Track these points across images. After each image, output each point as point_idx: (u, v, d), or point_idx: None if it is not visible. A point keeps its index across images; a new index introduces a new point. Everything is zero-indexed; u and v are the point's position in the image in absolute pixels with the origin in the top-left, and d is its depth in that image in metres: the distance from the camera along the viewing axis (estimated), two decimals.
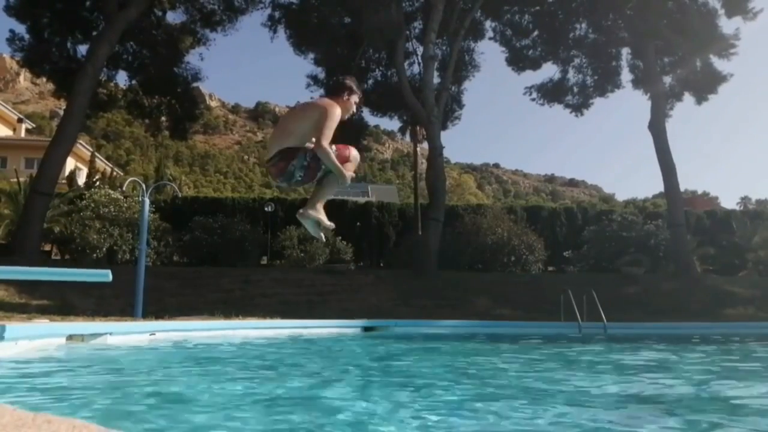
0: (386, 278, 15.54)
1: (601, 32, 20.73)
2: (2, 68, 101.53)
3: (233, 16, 19.96)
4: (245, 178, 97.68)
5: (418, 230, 18.27)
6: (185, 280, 13.99)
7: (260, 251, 18.25)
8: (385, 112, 22.20)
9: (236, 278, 14.32)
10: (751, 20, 18.23)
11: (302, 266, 16.76)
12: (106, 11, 16.81)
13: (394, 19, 16.57)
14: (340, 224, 20.82)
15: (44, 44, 18.65)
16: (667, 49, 19.54)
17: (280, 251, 17.79)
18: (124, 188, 19.18)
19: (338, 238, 17.69)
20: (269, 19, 19.94)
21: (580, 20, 20.87)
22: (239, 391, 3.65)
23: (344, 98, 3.82)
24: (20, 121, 36.14)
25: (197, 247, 16.54)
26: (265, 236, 18.00)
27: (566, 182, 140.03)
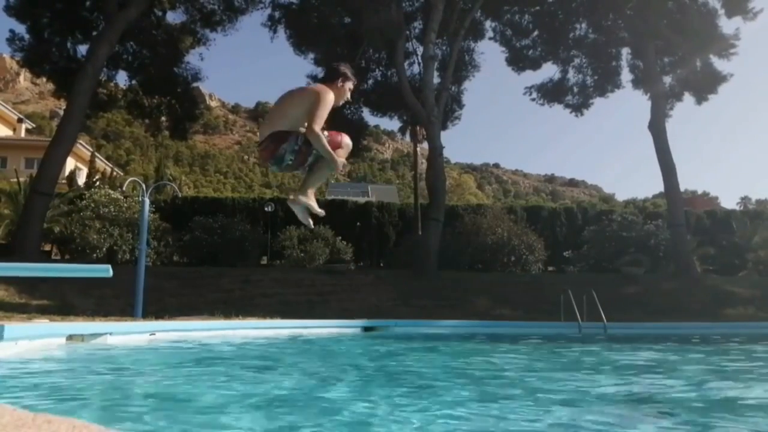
0: (386, 278, 15.55)
1: (601, 32, 20.74)
2: (2, 68, 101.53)
3: (233, 16, 19.97)
4: (245, 178, 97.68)
5: (418, 230, 18.28)
6: (185, 280, 14.00)
7: (260, 251, 18.26)
8: (385, 112, 22.21)
9: (236, 278, 14.33)
10: (751, 20, 18.26)
11: (302, 266, 16.76)
12: (106, 11, 16.81)
13: (394, 19, 16.57)
14: (340, 224, 20.61)
15: (44, 44, 18.65)
16: (667, 49, 19.54)
17: (280, 251, 17.80)
18: (124, 188, 19.19)
19: (338, 238, 17.71)
20: (269, 19, 19.97)
21: (580, 20, 20.88)
22: (239, 391, 3.65)
23: (339, 84, 3.80)
24: (20, 121, 36.14)
25: (197, 247, 16.54)
26: (265, 236, 18.01)
27: (566, 182, 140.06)
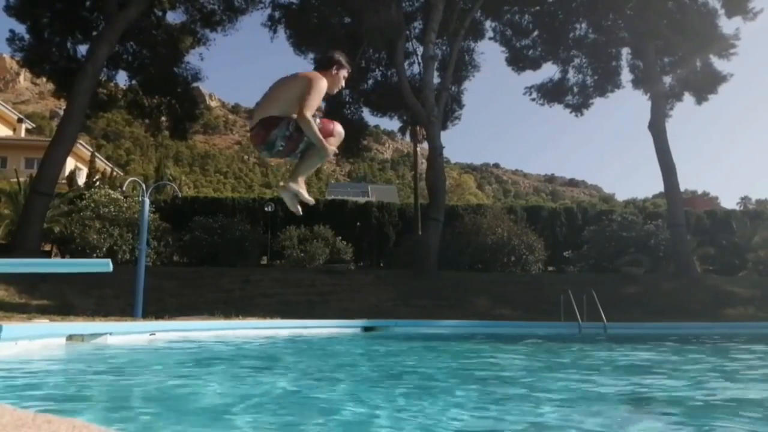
0: (386, 278, 15.55)
1: (601, 32, 20.73)
2: (2, 68, 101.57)
3: (233, 16, 19.96)
4: (245, 178, 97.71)
5: (418, 230, 18.29)
6: (185, 280, 14.00)
7: (260, 251, 18.26)
8: (385, 112, 22.21)
9: (236, 278, 14.33)
10: (751, 20, 18.27)
11: (302, 266, 16.76)
12: (106, 11, 16.80)
13: (394, 19, 16.57)
14: (340, 224, 20.60)
15: (44, 44, 18.64)
16: (667, 49, 19.54)
17: (280, 251, 17.81)
18: (124, 188, 19.19)
19: (338, 238, 17.71)
20: (269, 19, 19.97)
21: (580, 20, 20.87)
22: (239, 391, 3.65)
23: (333, 72, 3.77)
24: (20, 121, 36.13)
25: (197, 247, 16.54)
26: (265, 236, 18.01)
27: (566, 182, 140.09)
